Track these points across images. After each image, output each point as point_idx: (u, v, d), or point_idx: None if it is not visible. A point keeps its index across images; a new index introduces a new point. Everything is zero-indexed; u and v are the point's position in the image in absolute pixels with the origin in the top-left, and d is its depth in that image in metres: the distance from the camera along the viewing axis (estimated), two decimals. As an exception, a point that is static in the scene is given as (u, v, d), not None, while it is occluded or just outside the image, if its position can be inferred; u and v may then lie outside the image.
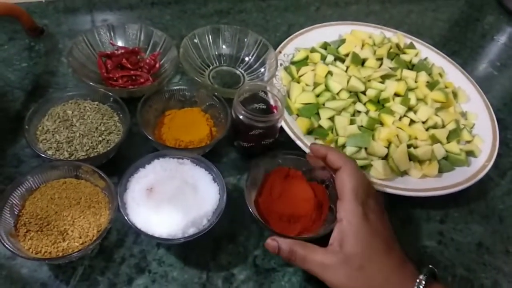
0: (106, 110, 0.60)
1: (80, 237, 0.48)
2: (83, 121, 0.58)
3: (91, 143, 0.56)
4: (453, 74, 0.80)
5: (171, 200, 0.51)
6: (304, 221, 0.53)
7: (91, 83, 0.62)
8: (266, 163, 0.57)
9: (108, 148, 0.56)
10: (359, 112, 0.67)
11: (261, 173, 0.57)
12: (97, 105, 0.60)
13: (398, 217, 0.60)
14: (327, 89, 0.69)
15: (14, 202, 0.49)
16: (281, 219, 0.53)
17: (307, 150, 0.60)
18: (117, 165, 0.59)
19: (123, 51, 0.68)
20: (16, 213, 0.49)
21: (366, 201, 0.48)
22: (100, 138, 0.57)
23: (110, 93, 0.60)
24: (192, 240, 0.49)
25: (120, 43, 0.70)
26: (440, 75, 0.78)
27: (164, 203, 0.50)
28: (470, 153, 0.67)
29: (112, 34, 0.70)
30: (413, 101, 0.69)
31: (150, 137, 0.57)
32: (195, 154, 0.60)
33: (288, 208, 0.54)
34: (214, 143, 0.59)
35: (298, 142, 0.61)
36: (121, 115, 0.59)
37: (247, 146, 0.62)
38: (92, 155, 0.55)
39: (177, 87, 0.64)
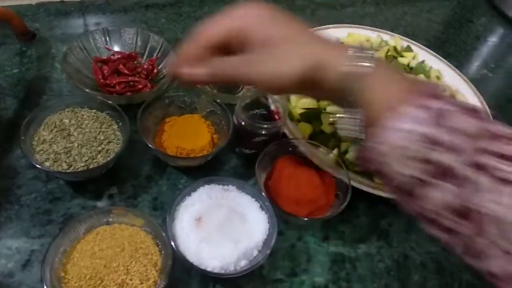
0: (104, 118, 0.58)
1: (142, 283, 0.45)
2: (81, 130, 0.56)
3: (90, 153, 0.54)
4: (450, 77, 0.80)
5: (221, 230, 0.49)
6: (311, 206, 0.55)
7: (87, 90, 0.60)
8: (276, 149, 0.58)
9: (108, 158, 0.54)
10: (360, 116, 0.67)
11: (271, 159, 0.58)
12: (95, 113, 0.58)
13: (403, 223, 0.60)
14: (327, 93, 0.69)
15: (54, 273, 0.44)
16: (289, 202, 0.54)
17: (310, 157, 0.59)
18: (117, 175, 0.58)
19: (119, 56, 0.67)
20: (61, 282, 0.44)
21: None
22: (100, 148, 0.55)
23: (109, 101, 0.58)
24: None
25: (116, 48, 0.69)
26: (438, 78, 0.78)
27: (214, 234, 0.49)
28: (470, 157, 0.66)
29: (107, 38, 0.68)
30: (413, 105, 0.69)
31: (151, 146, 0.55)
32: (197, 162, 0.59)
33: (295, 192, 0.55)
34: (216, 151, 0.58)
35: (302, 148, 0.60)
36: (120, 123, 0.58)
37: (249, 153, 0.61)
38: (91, 166, 0.53)
39: (177, 93, 0.62)
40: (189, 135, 0.59)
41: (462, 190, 0.34)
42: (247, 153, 0.61)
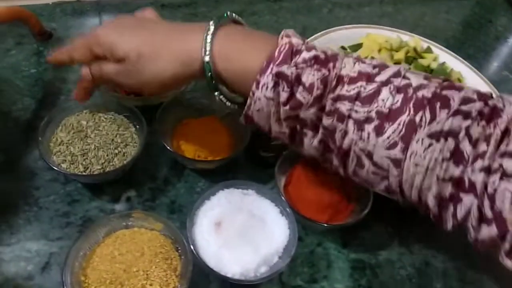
0: (122, 121, 0.58)
1: None
2: (98, 132, 0.56)
3: (107, 156, 0.54)
4: (471, 79, 0.78)
5: (241, 236, 0.48)
6: (331, 211, 0.54)
7: (103, 91, 0.59)
8: (295, 153, 0.56)
9: (125, 162, 0.54)
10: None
11: (290, 162, 0.58)
12: (112, 115, 0.58)
13: (424, 229, 0.59)
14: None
15: (74, 278, 0.44)
16: (309, 207, 0.53)
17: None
18: (135, 178, 0.57)
19: (136, 57, 0.66)
20: (81, 287, 0.44)
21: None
22: (116, 151, 0.54)
23: (125, 102, 0.58)
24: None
25: (133, 49, 0.68)
26: (459, 80, 0.76)
27: (234, 239, 0.48)
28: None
29: (124, 39, 0.67)
30: (434, 108, 0.67)
31: (169, 148, 0.54)
32: (215, 165, 0.58)
33: (316, 197, 0.54)
34: (235, 155, 0.57)
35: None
36: (137, 126, 0.57)
37: (267, 156, 0.60)
38: (108, 169, 0.53)
39: (194, 95, 0.62)
40: (207, 137, 0.59)
41: (331, 136, 0.40)
42: (265, 156, 0.60)
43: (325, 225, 0.52)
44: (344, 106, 0.38)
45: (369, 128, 0.38)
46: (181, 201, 0.56)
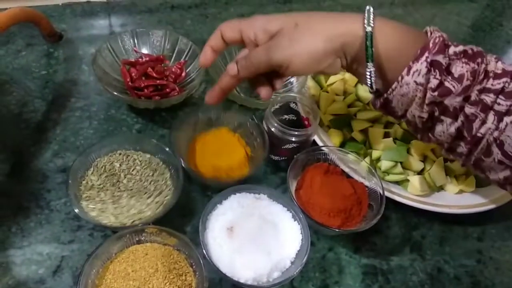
0: (157, 165, 0.55)
1: None
2: (131, 177, 0.53)
3: (140, 205, 0.51)
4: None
5: (253, 240, 0.48)
6: (344, 216, 0.53)
7: (115, 93, 0.59)
8: (307, 157, 0.57)
9: (157, 211, 0.51)
10: (391, 123, 0.65)
11: (301, 166, 0.58)
12: (148, 158, 0.56)
13: (436, 234, 0.58)
14: (357, 98, 0.67)
15: None
16: (321, 212, 0.53)
17: (342, 165, 0.58)
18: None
19: (147, 59, 0.66)
20: None
21: None
22: (149, 200, 0.52)
23: (137, 104, 0.57)
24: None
25: (144, 50, 0.68)
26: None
27: (246, 244, 0.48)
28: (506, 167, 0.64)
29: (135, 40, 0.67)
30: (446, 112, 0.67)
31: (191, 172, 0.53)
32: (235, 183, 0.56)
33: (328, 202, 0.54)
34: (258, 168, 0.56)
35: (332, 156, 0.59)
36: (172, 171, 0.54)
37: (279, 160, 0.60)
38: (138, 222, 0.49)
39: (204, 109, 0.60)
40: (222, 151, 0.58)
41: (468, 124, 0.43)
42: (277, 160, 0.60)
43: (337, 230, 0.52)
44: (488, 98, 0.42)
45: (507, 119, 0.42)
46: (191, 205, 0.56)
